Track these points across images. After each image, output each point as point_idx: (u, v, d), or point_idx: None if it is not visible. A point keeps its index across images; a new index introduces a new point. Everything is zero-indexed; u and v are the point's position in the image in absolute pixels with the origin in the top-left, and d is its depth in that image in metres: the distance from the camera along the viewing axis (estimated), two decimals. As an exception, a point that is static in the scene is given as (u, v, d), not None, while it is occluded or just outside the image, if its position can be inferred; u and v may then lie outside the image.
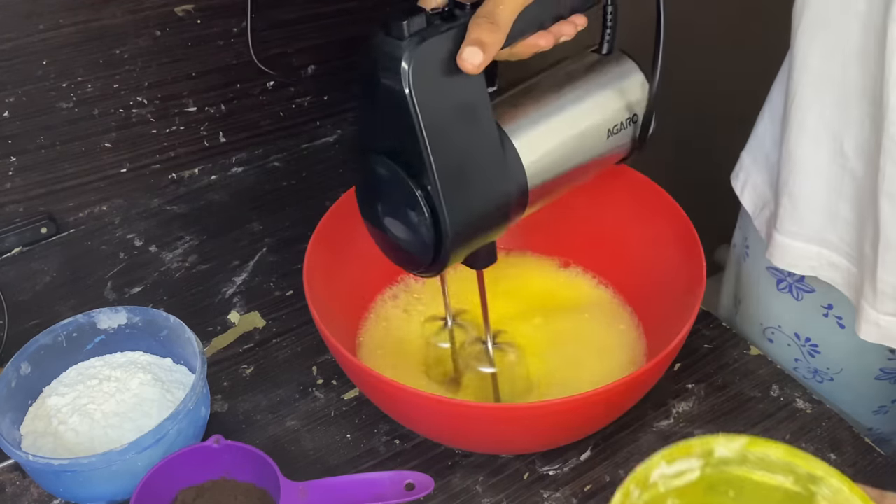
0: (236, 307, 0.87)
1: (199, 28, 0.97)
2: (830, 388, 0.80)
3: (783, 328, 0.81)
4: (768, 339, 0.83)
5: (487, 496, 0.70)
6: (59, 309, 0.87)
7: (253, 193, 1.01)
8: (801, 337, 0.80)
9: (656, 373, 0.67)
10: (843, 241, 0.70)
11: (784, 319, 0.81)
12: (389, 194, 0.59)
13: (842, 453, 0.72)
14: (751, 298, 0.85)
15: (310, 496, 0.66)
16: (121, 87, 0.96)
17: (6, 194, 0.94)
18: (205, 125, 1.03)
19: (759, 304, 0.84)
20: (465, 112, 0.57)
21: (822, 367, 0.80)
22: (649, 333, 0.77)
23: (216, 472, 0.68)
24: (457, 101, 0.57)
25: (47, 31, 0.89)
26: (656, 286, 0.77)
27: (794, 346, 0.81)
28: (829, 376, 0.80)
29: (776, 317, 0.82)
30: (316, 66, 1.07)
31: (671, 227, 0.75)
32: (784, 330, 0.81)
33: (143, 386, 0.72)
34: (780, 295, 0.80)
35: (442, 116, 0.56)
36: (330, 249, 0.75)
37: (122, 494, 0.67)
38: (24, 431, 0.70)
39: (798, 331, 0.80)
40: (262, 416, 0.76)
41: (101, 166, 0.98)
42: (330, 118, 1.11)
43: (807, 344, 0.80)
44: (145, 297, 0.88)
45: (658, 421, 0.75)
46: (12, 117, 0.91)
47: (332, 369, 0.80)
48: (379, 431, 0.75)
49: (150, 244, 0.95)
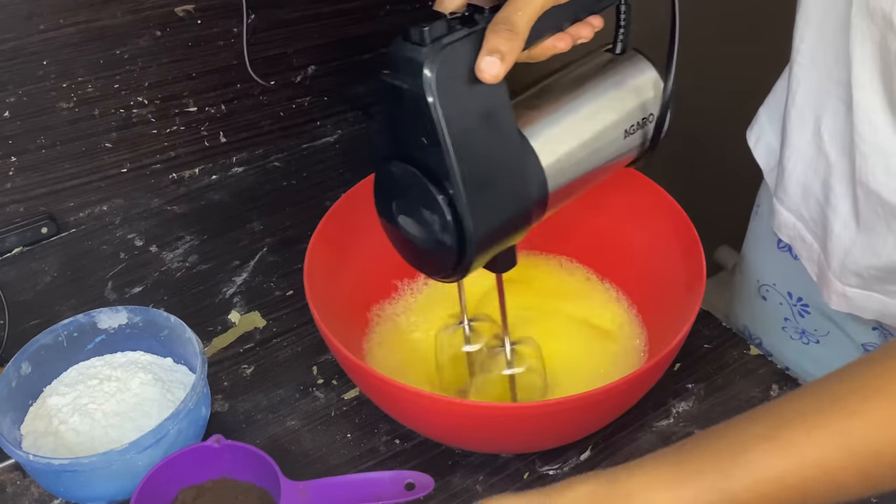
0: (237, 307, 0.87)
1: (200, 28, 0.97)
2: (816, 352, 0.82)
3: (777, 286, 0.83)
4: (762, 296, 0.85)
5: (487, 496, 0.69)
6: (59, 309, 0.87)
7: (253, 193, 1.01)
8: (794, 296, 0.82)
9: (656, 372, 0.67)
10: (812, 219, 0.72)
11: (779, 277, 0.83)
12: (412, 200, 0.59)
13: (842, 453, 0.72)
14: (753, 254, 0.88)
15: (310, 496, 0.66)
16: (121, 87, 0.96)
17: (7, 194, 0.94)
18: (205, 125, 1.03)
19: (759, 261, 0.86)
20: (488, 117, 0.57)
21: (809, 328, 0.82)
22: (649, 333, 0.77)
23: (216, 471, 0.68)
24: (479, 107, 0.56)
25: (48, 32, 0.89)
26: (656, 286, 0.77)
27: (785, 304, 0.83)
28: (816, 339, 0.82)
29: (772, 274, 0.84)
30: (316, 66, 1.07)
31: (671, 227, 0.75)
32: (778, 288, 0.83)
33: (143, 386, 0.72)
34: (779, 253, 0.82)
35: (464, 122, 0.56)
36: (330, 249, 0.75)
37: (122, 494, 0.67)
38: (24, 431, 0.70)
39: (791, 290, 0.82)
40: (262, 415, 0.77)
41: (101, 166, 0.98)
42: (330, 118, 1.12)
43: (798, 304, 0.82)
44: (146, 296, 0.88)
45: (658, 421, 0.75)
46: (13, 117, 0.91)
47: (332, 369, 0.80)
48: (379, 431, 0.75)
49: (150, 244, 0.95)
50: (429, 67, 0.53)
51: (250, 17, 0.99)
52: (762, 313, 0.86)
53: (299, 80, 1.07)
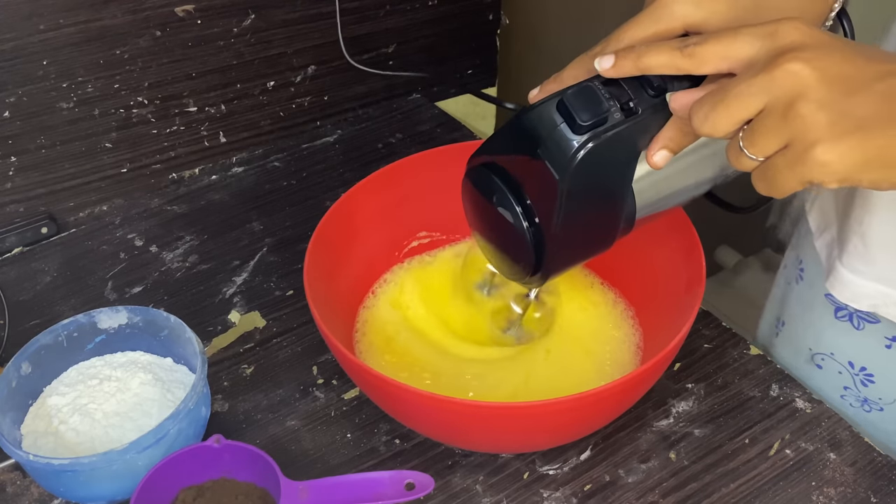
0: (236, 307, 0.87)
1: (200, 28, 0.97)
2: (878, 418, 0.77)
3: (836, 356, 0.77)
4: (817, 364, 0.79)
5: (487, 496, 0.70)
6: (59, 309, 0.87)
7: (253, 193, 1.02)
8: (856, 366, 0.76)
9: (656, 372, 0.67)
10: None
11: (838, 347, 0.77)
12: (501, 218, 0.60)
13: (841, 453, 0.72)
14: (799, 322, 0.82)
15: (310, 496, 0.66)
16: (121, 87, 0.96)
17: (6, 194, 0.94)
18: (205, 125, 1.03)
19: (810, 329, 0.80)
20: (607, 190, 0.58)
21: (873, 396, 0.77)
22: (649, 333, 0.77)
23: (216, 471, 0.68)
24: (603, 183, 0.58)
25: (48, 31, 0.89)
26: (656, 286, 0.77)
27: (845, 374, 0.77)
28: (880, 406, 0.77)
29: (829, 344, 0.78)
30: (316, 66, 1.07)
31: (671, 226, 0.75)
32: (836, 357, 0.77)
33: (143, 385, 0.72)
34: (838, 323, 0.76)
35: (582, 201, 0.57)
36: (330, 249, 0.75)
37: (122, 494, 0.67)
38: (24, 431, 0.70)
39: (853, 359, 0.76)
40: (262, 415, 0.77)
41: (101, 166, 0.98)
42: (330, 118, 1.12)
43: (861, 373, 0.76)
44: (146, 296, 0.88)
45: (658, 420, 0.75)
46: (13, 117, 0.91)
47: (332, 369, 0.80)
48: (379, 431, 0.75)
49: (150, 244, 0.95)
50: (574, 160, 0.54)
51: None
52: (816, 381, 0.79)
53: (299, 80, 1.07)
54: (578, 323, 0.79)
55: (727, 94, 0.49)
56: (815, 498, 0.69)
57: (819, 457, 0.72)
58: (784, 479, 0.70)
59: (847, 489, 0.70)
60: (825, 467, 0.71)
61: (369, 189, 0.79)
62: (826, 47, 0.48)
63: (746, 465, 0.71)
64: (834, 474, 0.71)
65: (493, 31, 1.21)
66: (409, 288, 0.82)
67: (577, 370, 0.75)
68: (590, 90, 0.55)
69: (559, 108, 0.55)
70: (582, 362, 0.75)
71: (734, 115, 0.49)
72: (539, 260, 0.60)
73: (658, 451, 0.73)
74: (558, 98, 0.55)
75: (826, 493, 0.69)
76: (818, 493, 0.69)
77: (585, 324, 0.79)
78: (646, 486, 0.70)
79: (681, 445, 0.73)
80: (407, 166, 0.81)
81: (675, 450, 0.73)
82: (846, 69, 0.47)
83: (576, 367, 0.75)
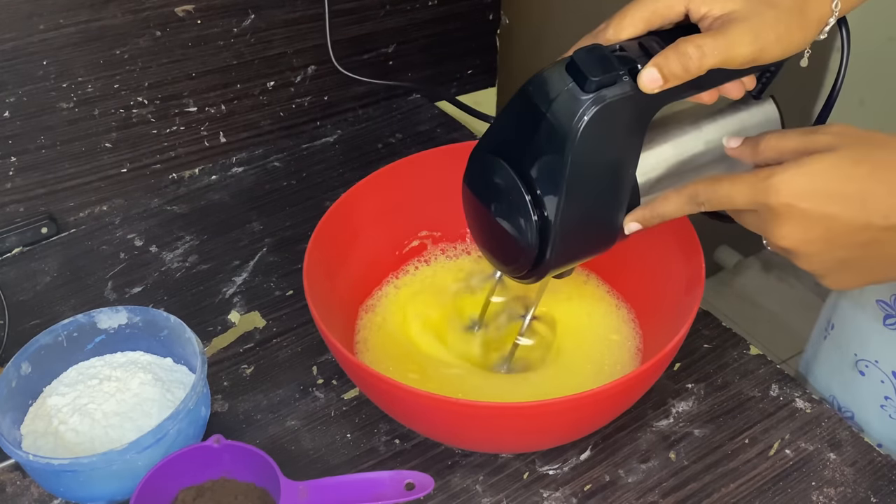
0: (236, 307, 0.87)
1: (199, 28, 0.97)
2: None
3: (880, 364, 0.77)
4: (860, 371, 0.79)
5: (487, 496, 0.70)
6: (59, 309, 0.87)
7: (253, 193, 1.02)
8: None
9: (656, 372, 0.68)
10: None
11: (883, 355, 0.76)
12: (507, 202, 0.59)
13: (842, 453, 0.72)
14: (847, 327, 0.81)
15: (310, 496, 0.66)
16: (121, 87, 0.96)
17: (6, 194, 0.94)
18: (205, 125, 1.03)
19: (857, 335, 0.79)
20: (612, 164, 0.58)
21: None
22: (648, 333, 0.77)
23: (216, 471, 0.68)
24: (609, 155, 0.57)
25: (48, 31, 0.89)
26: (656, 286, 0.77)
27: (888, 383, 0.76)
28: None
29: (875, 351, 0.77)
30: (316, 66, 1.07)
31: (671, 226, 0.75)
32: (881, 366, 0.77)
33: (143, 386, 0.72)
34: (886, 330, 0.75)
35: (589, 166, 0.56)
36: (330, 249, 0.75)
37: (122, 494, 0.67)
38: (24, 431, 0.70)
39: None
40: (262, 415, 0.77)
41: (101, 166, 0.98)
42: (330, 118, 1.12)
43: None
44: (146, 296, 0.88)
45: (658, 420, 0.75)
46: (13, 117, 0.91)
47: (332, 369, 0.80)
48: (379, 431, 0.75)
49: (150, 244, 0.95)
50: (582, 121, 0.54)
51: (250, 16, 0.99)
52: (858, 388, 0.79)
53: (299, 80, 1.07)
54: (577, 322, 0.79)
55: (718, 197, 0.57)
56: (815, 498, 0.69)
57: (819, 457, 0.72)
58: (784, 479, 0.70)
59: (847, 489, 0.70)
60: (825, 467, 0.71)
61: (369, 189, 0.79)
62: (816, 208, 0.53)
63: (746, 465, 0.71)
64: (834, 474, 0.70)
65: (493, 31, 1.21)
66: (409, 288, 0.82)
67: (576, 371, 0.75)
68: (600, 50, 0.54)
69: (569, 69, 0.54)
70: (582, 363, 0.75)
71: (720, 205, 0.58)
72: (543, 243, 0.58)
73: (658, 451, 0.73)
74: (567, 60, 0.54)
75: (826, 494, 0.69)
76: (818, 493, 0.69)
77: (584, 323, 0.79)
78: (646, 486, 0.70)
79: (681, 445, 0.73)
80: (407, 166, 0.81)
81: (675, 450, 0.73)
82: (830, 233, 0.54)
83: (576, 368, 0.75)
